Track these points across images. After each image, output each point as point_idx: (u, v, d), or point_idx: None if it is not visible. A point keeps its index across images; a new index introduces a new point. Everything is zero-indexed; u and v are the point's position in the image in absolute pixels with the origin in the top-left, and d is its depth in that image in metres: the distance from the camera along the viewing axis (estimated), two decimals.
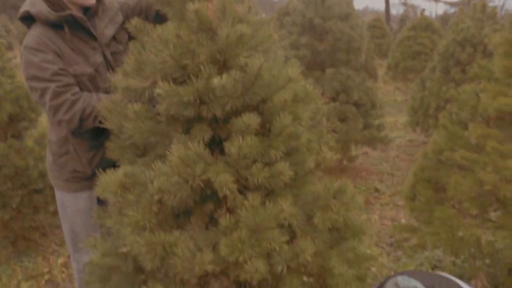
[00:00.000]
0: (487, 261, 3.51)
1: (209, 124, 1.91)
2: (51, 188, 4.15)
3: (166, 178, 1.74)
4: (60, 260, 4.16)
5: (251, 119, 1.81)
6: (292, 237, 1.84)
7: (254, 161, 1.82)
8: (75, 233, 2.84)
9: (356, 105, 5.82)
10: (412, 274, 2.26)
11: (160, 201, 1.83)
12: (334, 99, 5.91)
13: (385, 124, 6.33)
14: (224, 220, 1.77)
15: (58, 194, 2.89)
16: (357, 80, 5.74)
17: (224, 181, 1.72)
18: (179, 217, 1.96)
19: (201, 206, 1.96)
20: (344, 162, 6.72)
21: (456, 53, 6.70)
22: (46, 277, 3.96)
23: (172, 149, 1.76)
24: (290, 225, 1.81)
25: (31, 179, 3.99)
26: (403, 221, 4.94)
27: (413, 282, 2.19)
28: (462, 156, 2.99)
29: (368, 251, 2.14)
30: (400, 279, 2.23)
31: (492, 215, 3.31)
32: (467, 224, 2.99)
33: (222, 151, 1.90)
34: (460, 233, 3.03)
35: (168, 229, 1.85)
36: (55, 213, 4.41)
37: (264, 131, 1.95)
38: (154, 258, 1.74)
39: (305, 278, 1.97)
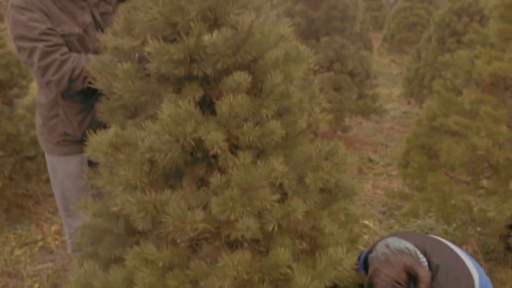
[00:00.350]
0: (479, 229, 3.55)
1: (200, 83, 1.88)
2: (44, 156, 4.13)
3: (156, 137, 1.72)
4: (54, 228, 4.16)
5: (242, 78, 1.79)
6: (284, 197, 1.84)
7: (245, 120, 1.80)
8: (66, 197, 2.83)
9: (351, 74, 5.78)
10: (403, 236, 2.27)
11: (151, 161, 1.82)
12: (328, 68, 5.87)
13: (379, 95, 6.30)
14: (215, 179, 1.76)
15: (48, 158, 2.87)
16: (352, 49, 5.68)
17: (215, 139, 1.71)
18: (171, 178, 1.95)
19: (193, 167, 1.94)
20: (338, 132, 6.71)
21: (452, 22, 6.64)
22: (40, 244, 3.97)
23: (163, 108, 1.74)
24: (281, 185, 1.80)
25: (23, 146, 3.96)
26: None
27: (404, 243, 2.19)
28: (456, 121, 2.98)
29: (359, 213, 2.14)
30: (391, 240, 2.24)
31: (485, 182, 3.33)
32: (459, 190, 2.99)
33: (213, 112, 1.88)
34: (452, 200, 3.05)
35: (159, 190, 1.84)
36: (47, 181, 4.39)
37: (255, 91, 1.93)
38: (145, 217, 1.73)
39: (297, 241, 1.98)
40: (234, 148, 1.85)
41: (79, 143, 2.62)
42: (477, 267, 2.33)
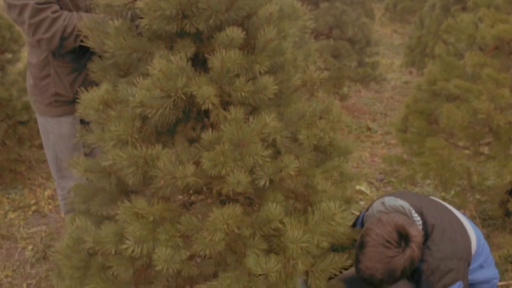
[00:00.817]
0: (478, 196, 3.51)
1: (192, 40, 1.84)
2: (36, 121, 4.08)
3: (147, 92, 1.67)
4: (47, 193, 4.13)
5: (235, 33, 1.74)
6: (277, 156, 1.79)
7: (238, 76, 1.76)
8: (59, 159, 2.79)
9: (350, 41, 5.65)
10: (400, 195, 2.23)
11: (142, 117, 1.78)
12: (327, 35, 5.75)
13: (380, 65, 6.19)
14: (207, 135, 1.71)
15: (40, 120, 2.82)
16: (352, 15, 5.56)
17: (206, 93, 1.65)
18: (163, 135, 1.91)
19: (185, 125, 1.90)
20: (337, 101, 6.62)
21: None
22: (33, 208, 3.94)
23: (154, 63, 1.70)
24: (274, 142, 1.76)
25: (15, 111, 3.90)
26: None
27: (400, 201, 2.16)
28: (456, 85, 2.90)
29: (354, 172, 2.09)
30: (387, 199, 2.21)
31: (485, 149, 3.27)
32: (458, 155, 2.94)
33: (206, 70, 1.83)
34: (451, 164, 2.99)
35: (150, 146, 1.79)
36: (40, 147, 4.34)
37: (248, 48, 1.88)
38: (136, 172, 1.70)
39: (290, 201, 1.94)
40: (226, 105, 1.81)
41: (71, 103, 2.58)
42: (476, 229, 2.30)
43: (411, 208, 2.15)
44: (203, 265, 1.75)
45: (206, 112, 1.81)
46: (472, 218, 3.23)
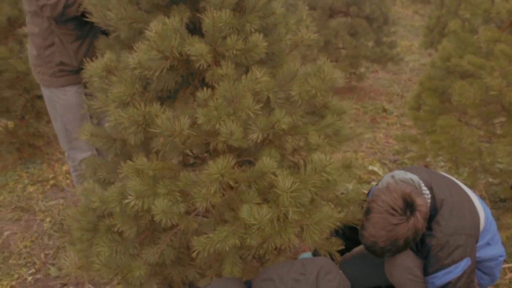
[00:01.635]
0: (490, 179, 3.47)
1: (188, 7, 1.89)
2: None
3: (145, 53, 1.71)
4: (65, 167, 4.22)
5: None
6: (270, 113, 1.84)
7: (229, 36, 1.79)
8: (68, 130, 2.85)
9: (368, 19, 5.59)
10: (410, 169, 2.23)
11: (143, 81, 1.82)
12: (344, 13, 5.69)
13: (397, 43, 6.11)
14: (201, 93, 1.76)
15: (46, 92, 2.87)
16: None
17: (199, 50, 1.71)
18: (163, 100, 1.96)
19: (184, 90, 1.96)
20: (353, 82, 6.59)
21: None
22: (51, 182, 4.04)
23: (151, 26, 1.75)
24: (268, 100, 1.80)
25: (33, 85, 3.96)
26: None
27: (409, 175, 2.16)
28: (470, 61, 2.87)
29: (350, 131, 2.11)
30: (397, 172, 2.21)
31: (497, 129, 3.22)
32: (469, 133, 2.91)
33: (201, 36, 1.85)
34: (462, 143, 2.97)
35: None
36: None
37: (240, 9, 1.90)
38: (137, 131, 1.76)
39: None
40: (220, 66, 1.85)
41: (76, 72, 2.64)
42: (484, 206, 2.30)
43: (421, 182, 2.15)
44: (203, 223, 1.81)
45: (204, 80, 1.85)
46: (482, 198, 3.20)
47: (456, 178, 3.56)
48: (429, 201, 2.11)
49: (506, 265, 2.81)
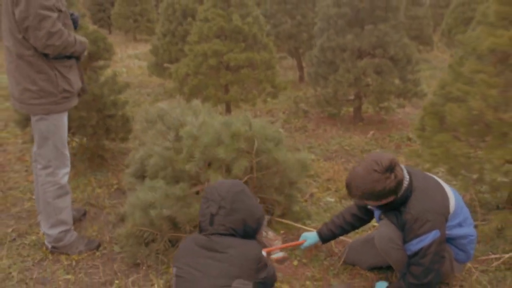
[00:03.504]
0: (484, 187, 4.01)
1: None
2: (123, 115, 5.02)
3: None
4: None
5: None
6: None
7: None
8: (58, 148, 3.38)
9: (392, 60, 6.28)
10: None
11: None
12: (372, 55, 6.41)
13: (421, 80, 6.73)
14: None
15: (43, 122, 3.30)
16: (394, 36, 6.18)
17: None
18: None
19: None
20: (383, 116, 7.24)
21: None
22: (115, 186, 4.84)
23: None
24: None
25: (106, 106, 4.85)
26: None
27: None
28: (458, 88, 3.51)
29: None
30: None
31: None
32: (460, 145, 3.52)
33: None
34: (456, 155, 3.57)
35: None
36: (123, 139, 5.32)
37: None
38: None
39: None
40: None
41: (75, 95, 3.38)
42: (456, 195, 2.90)
43: (403, 167, 2.80)
44: None
45: None
46: (473, 205, 3.76)
47: (452, 185, 4.16)
48: (406, 181, 2.73)
49: (493, 256, 3.33)
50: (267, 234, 3.48)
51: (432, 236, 2.65)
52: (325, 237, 3.32)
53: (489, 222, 3.35)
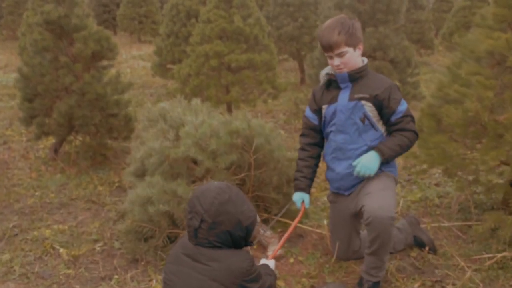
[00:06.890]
0: (479, 188, 4.05)
1: None
2: (125, 115, 5.09)
3: None
4: None
5: None
6: None
7: None
8: None
9: (392, 62, 6.34)
10: None
11: None
12: (373, 58, 6.46)
13: (420, 83, 6.79)
14: None
15: None
16: (395, 39, 6.25)
17: None
18: None
19: None
20: None
21: None
22: (117, 184, 4.92)
23: None
24: None
25: (108, 105, 4.93)
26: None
27: None
28: (455, 90, 3.56)
29: None
30: None
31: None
32: (455, 146, 3.57)
33: None
34: (451, 155, 3.63)
35: None
36: (125, 138, 5.39)
37: None
38: None
39: None
40: None
41: None
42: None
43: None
44: None
45: None
46: (466, 201, 3.81)
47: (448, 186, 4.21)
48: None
49: (486, 255, 3.37)
50: (265, 232, 3.54)
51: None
52: (307, 187, 3.26)
53: (484, 222, 3.39)
